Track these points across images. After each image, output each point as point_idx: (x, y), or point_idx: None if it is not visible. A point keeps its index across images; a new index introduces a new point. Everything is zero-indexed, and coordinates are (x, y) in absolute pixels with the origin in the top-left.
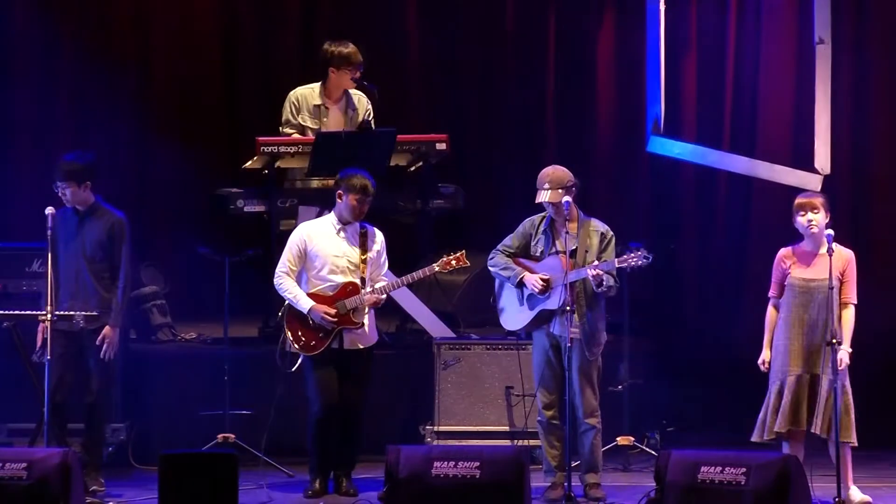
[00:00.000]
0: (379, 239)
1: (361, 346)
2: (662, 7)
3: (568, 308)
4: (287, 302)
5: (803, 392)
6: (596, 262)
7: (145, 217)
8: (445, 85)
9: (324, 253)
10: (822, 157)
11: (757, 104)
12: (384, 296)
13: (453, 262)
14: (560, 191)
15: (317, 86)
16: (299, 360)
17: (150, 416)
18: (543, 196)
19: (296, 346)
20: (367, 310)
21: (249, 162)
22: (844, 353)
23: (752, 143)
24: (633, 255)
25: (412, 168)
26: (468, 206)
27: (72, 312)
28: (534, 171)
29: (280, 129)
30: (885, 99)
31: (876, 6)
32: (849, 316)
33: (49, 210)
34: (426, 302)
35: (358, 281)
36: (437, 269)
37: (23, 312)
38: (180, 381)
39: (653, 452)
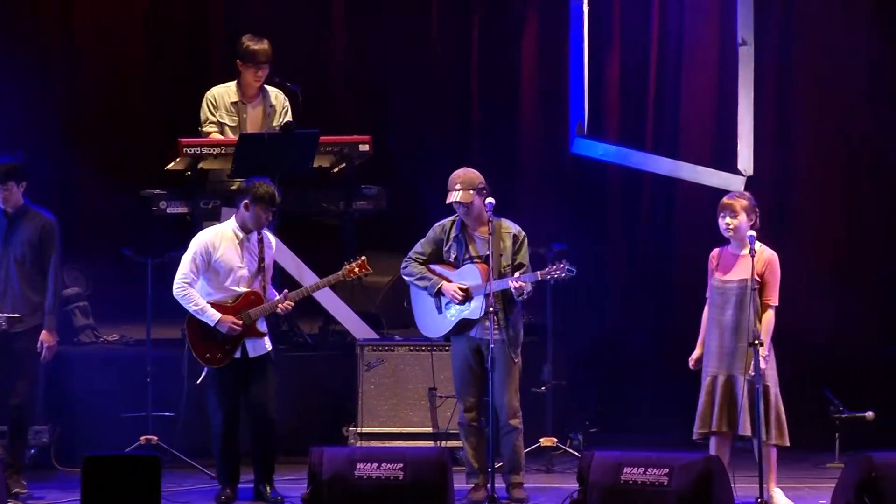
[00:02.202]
0: (273, 243)
1: (263, 352)
2: (586, 8)
3: (491, 309)
4: (190, 313)
5: (721, 393)
6: (518, 275)
7: (68, 218)
8: (369, 86)
9: (228, 263)
10: (745, 158)
11: (680, 105)
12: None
13: (356, 270)
14: (471, 191)
15: (233, 84)
16: (204, 372)
17: (73, 417)
18: (455, 196)
19: (200, 359)
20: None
21: (172, 163)
22: (761, 355)
23: (676, 144)
24: (555, 268)
25: (335, 169)
26: (392, 208)
27: None
28: None
29: (199, 129)
30: (808, 100)
31: (799, 7)
32: (768, 318)
33: None
34: (349, 303)
35: (259, 289)
36: (341, 276)
37: None
38: (103, 382)
39: (576, 453)
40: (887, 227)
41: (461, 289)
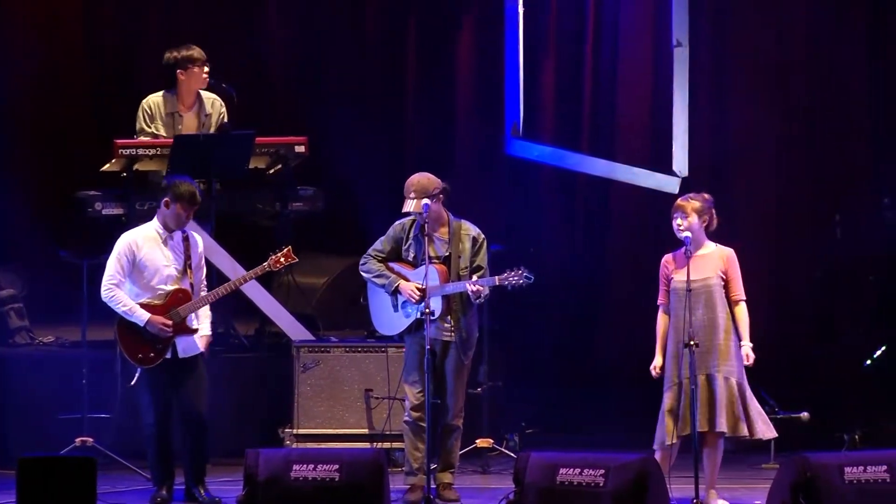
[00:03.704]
0: (200, 244)
1: (193, 353)
2: (521, 9)
3: (428, 311)
4: (120, 315)
5: (702, 394)
6: (475, 279)
7: (1, 219)
8: (305, 87)
9: (153, 262)
10: (680, 159)
11: (615, 107)
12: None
13: (282, 260)
14: (425, 199)
15: (168, 92)
16: (138, 373)
17: (8, 419)
18: (409, 206)
19: (132, 360)
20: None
21: (108, 164)
22: (748, 349)
23: (611, 145)
24: (514, 273)
25: (271, 171)
26: (328, 209)
27: None
28: (394, 173)
29: (135, 137)
30: (743, 101)
31: (733, 8)
32: (742, 312)
33: None
34: (285, 304)
35: (187, 287)
36: (267, 267)
37: None
38: (38, 384)
39: (512, 454)
40: (823, 229)
41: (418, 288)
